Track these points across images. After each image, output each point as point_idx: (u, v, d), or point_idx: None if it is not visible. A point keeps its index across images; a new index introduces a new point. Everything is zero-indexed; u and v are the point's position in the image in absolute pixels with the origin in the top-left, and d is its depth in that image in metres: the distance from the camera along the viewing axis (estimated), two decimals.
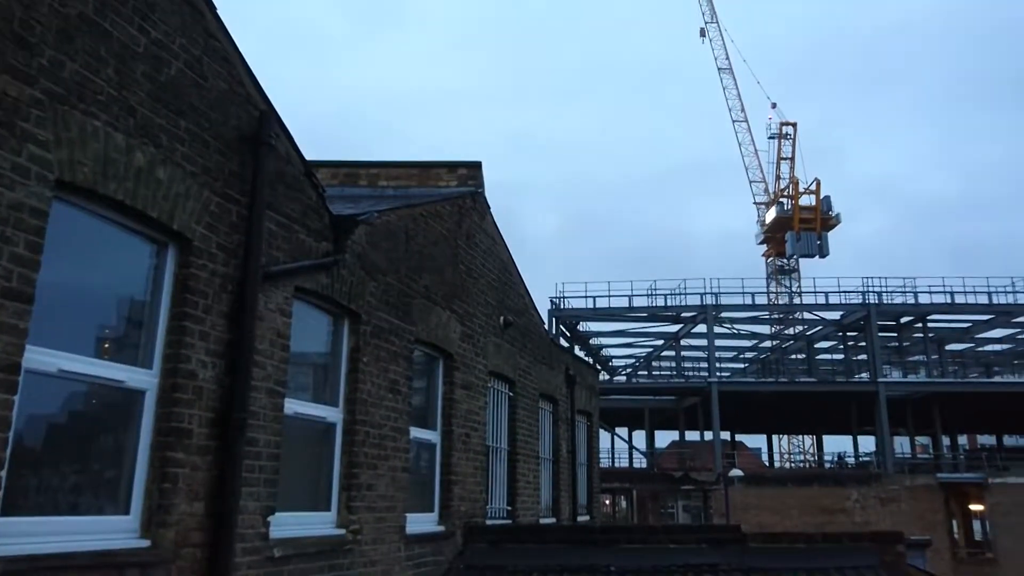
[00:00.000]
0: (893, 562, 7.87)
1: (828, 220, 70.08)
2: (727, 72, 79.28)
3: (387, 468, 6.75)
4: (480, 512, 8.82)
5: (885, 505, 36.38)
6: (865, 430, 49.07)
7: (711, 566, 7.86)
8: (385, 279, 6.99)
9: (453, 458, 8.18)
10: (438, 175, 9.70)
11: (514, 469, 10.09)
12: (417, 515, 7.46)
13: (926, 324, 46.16)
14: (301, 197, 5.75)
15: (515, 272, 10.82)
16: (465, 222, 9.05)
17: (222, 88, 4.92)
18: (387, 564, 6.61)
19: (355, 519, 6.17)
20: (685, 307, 43.63)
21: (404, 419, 7.15)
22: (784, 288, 71.85)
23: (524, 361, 10.71)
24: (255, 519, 4.95)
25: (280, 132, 5.50)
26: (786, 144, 75.51)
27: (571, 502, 12.78)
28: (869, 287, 43.26)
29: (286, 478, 5.43)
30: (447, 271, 8.43)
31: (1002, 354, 55.17)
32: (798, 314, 50.78)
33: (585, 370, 15.05)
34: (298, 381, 5.99)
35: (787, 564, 7.91)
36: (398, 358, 7.12)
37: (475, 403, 8.84)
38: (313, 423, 6.05)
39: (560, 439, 12.46)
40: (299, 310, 5.76)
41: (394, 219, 7.35)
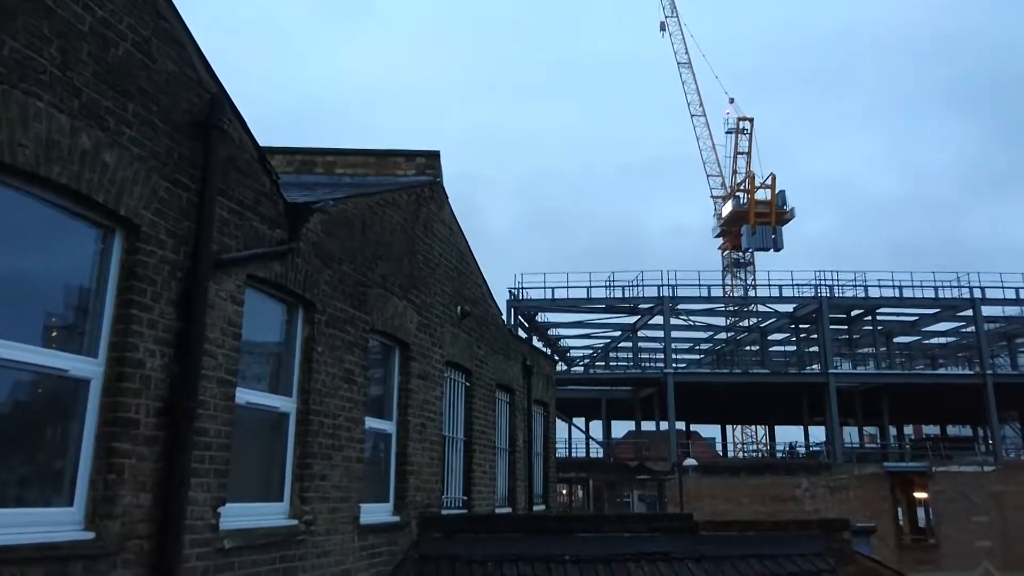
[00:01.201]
0: (839, 548, 8.07)
1: (783, 214, 71.34)
2: (686, 67, 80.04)
3: (341, 458, 6.70)
4: (436, 502, 8.80)
5: (834, 494, 37.29)
6: (816, 420, 50.19)
7: (663, 554, 7.97)
8: (341, 268, 6.92)
9: (409, 448, 8.15)
10: (396, 163, 9.61)
11: (470, 459, 10.09)
12: (372, 505, 7.42)
13: (875, 317, 47.32)
14: (254, 184, 5.65)
15: (473, 262, 10.80)
16: (423, 211, 9.00)
17: (171, 70, 4.80)
18: (340, 555, 6.57)
19: (308, 510, 6.12)
20: (642, 299, 44.05)
21: (359, 409, 7.09)
22: (739, 281, 73.00)
23: (481, 351, 10.71)
24: (205, 510, 4.87)
25: (233, 117, 5.39)
26: (743, 139, 76.64)
27: (527, 492, 12.84)
28: (821, 281, 44.19)
29: (237, 468, 5.35)
30: (404, 260, 8.38)
31: (947, 347, 56.90)
32: (752, 306, 51.66)
33: (542, 360, 15.11)
34: (250, 370, 5.90)
35: (737, 551, 8.06)
36: (353, 348, 7.06)
37: (431, 393, 8.81)
38: (266, 413, 5.97)
39: (517, 429, 12.49)
40: (252, 298, 5.67)
41: (350, 207, 7.27)
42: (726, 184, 77.09)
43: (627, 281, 44.42)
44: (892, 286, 44.21)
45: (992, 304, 44.57)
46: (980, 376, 42.32)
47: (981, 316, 43.70)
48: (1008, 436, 56.52)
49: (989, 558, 36.42)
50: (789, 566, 7.82)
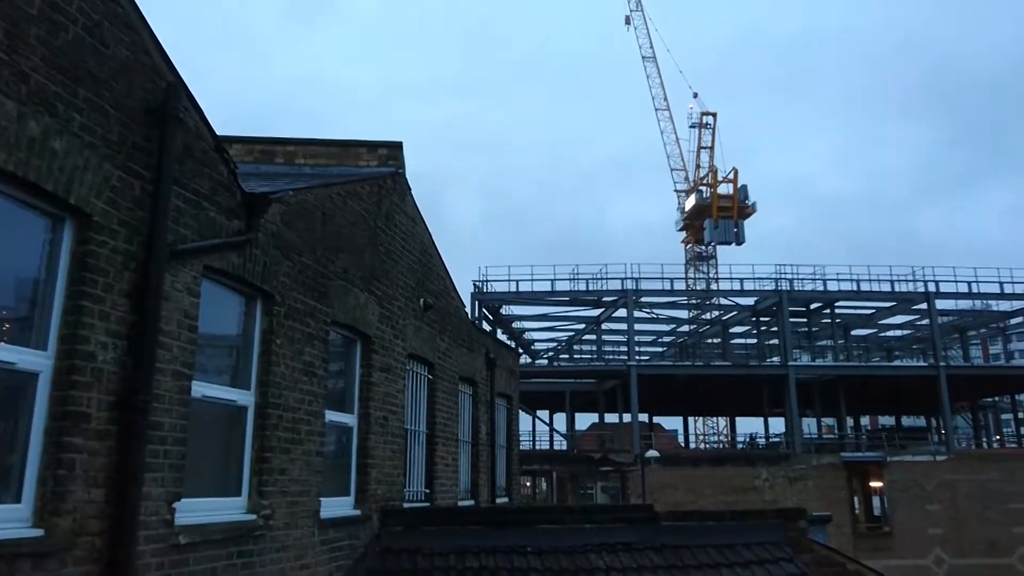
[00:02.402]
0: (795, 537, 8.21)
1: (745, 209, 72.24)
2: (651, 61, 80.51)
3: (301, 452, 6.63)
4: (398, 495, 8.77)
5: (792, 484, 37.95)
6: (776, 412, 50.99)
7: (625, 544, 8.04)
8: (301, 259, 6.83)
9: (370, 441, 8.10)
10: (358, 154, 9.52)
11: (433, 452, 10.07)
12: (333, 499, 7.36)
13: (834, 310, 48.18)
14: (211, 173, 5.55)
15: (436, 255, 10.75)
16: (385, 203, 8.92)
17: (125, 56, 4.68)
18: (300, 549, 6.51)
19: (267, 504, 6.04)
20: (606, 292, 44.30)
21: (319, 402, 7.02)
22: (702, 274, 73.77)
23: (444, 344, 10.68)
24: (159, 506, 4.78)
25: (189, 105, 5.28)
26: (706, 134, 77.36)
27: (490, 484, 12.85)
28: (781, 275, 44.83)
29: (194, 463, 5.27)
30: (366, 252, 8.30)
31: (902, 339, 58.18)
32: (714, 300, 52.24)
33: (505, 353, 15.12)
34: (207, 363, 5.80)
35: (697, 540, 8.16)
36: (314, 340, 6.98)
37: (393, 386, 8.76)
38: (223, 406, 5.88)
39: (480, 422, 12.50)
40: (209, 290, 5.57)
41: (311, 198, 7.18)
42: (689, 178, 77.81)
43: (591, 274, 44.67)
44: (850, 280, 45.08)
45: (945, 298, 45.66)
46: (934, 368, 43.33)
47: (935, 309, 44.73)
48: (960, 426, 58.04)
49: (941, 545, 37.41)
50: (747, 554, 7.94)
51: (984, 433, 59.47)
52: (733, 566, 7.79)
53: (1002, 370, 51.08)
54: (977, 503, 37.93)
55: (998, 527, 37.66)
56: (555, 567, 7.61)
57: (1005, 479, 38.55)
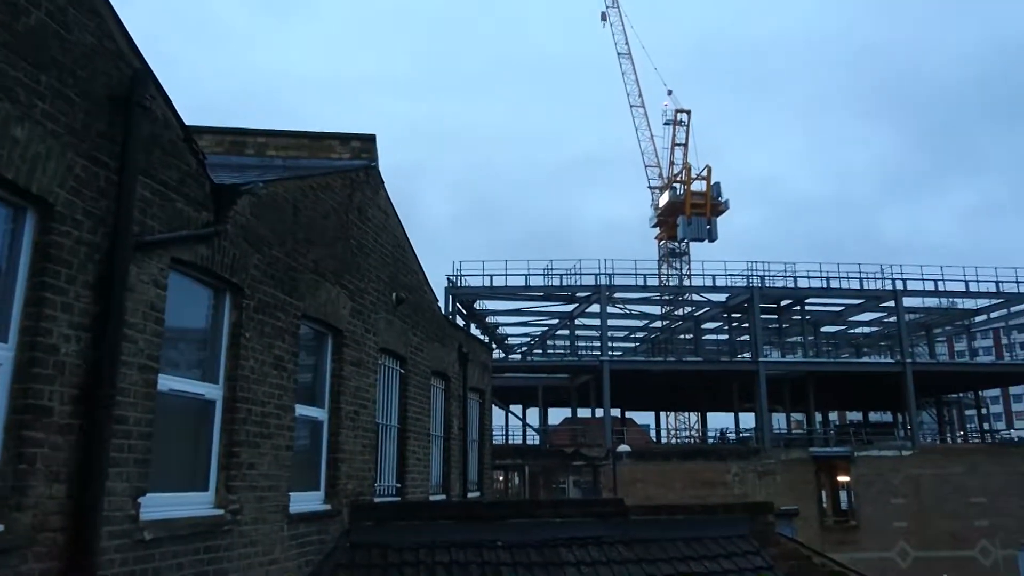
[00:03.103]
0: (762, 531, 8.31)
1: (717, 206, 72.85)
2: (626, 57, 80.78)
3: (270, 446, 6.57)
4: (368, 490, 8.73)
5: (762, 478, 38.38)
6: (746, 407, 51.49)
7: (595, 538, 8.08)
8: (271, 252, 6.76)
9: (341, 436, 8.05)
10: (330, 147, 9.43)
11: (404, 446, 10.03)
12: (302, 494, 7.31)
13: (804, 307, 48.73)
14: (179, 164, 5.46)
15: (409, 248, 10.70)
16: (357, 196, 8.86)
17: (89, 42, 4.59)
18: (268, 544, 6.45)
19: (235, 499, 5.98)
20: (580, 287, 44.38)
21: (289, 396, 6.96)
22: (675, 271, 74.32)
23: (416, 338, 10.64)
24: (124, 501, 4.71)
25: (157, 94, 5.20)
26: (680, 131, 77.84)
27: (462, 479, 12.85)
28: (753, 272, 45.22)
29: (160, 457, 5.20)
30: (337, 245, 8.24)
31: (870, 336, 59.05)
32: (687, 296, 52.60)
33: (478, 347, 15.10)
34: (174, 356, 5.73)
35: (667, 534, 8.23)
36: (284, 334, 6.92)
37: (365, 380, 8.71)
38: (190, 400, 5.81)
39: (452, 416, 12.48)
40: (176, 282, 5.50)
41: (281, 190, 7.11)
42: (663, 175, 78.26)
43: (565, 270, 44.71)
44: (820, 277, 45.58)
45: (912, 295, 46.37)
46: (900, 364, 44.02)
47: (902, 307, 45.43)
48: (925, 422, 59.11)
49: (905, 537, 38.09)
50: (715, 548, 8.02)
51: (948, 428, 60.62)
52: (701, 559, 7.86)
53: (966, 367, 52.12)
54: (940, 497, 38.66)
55: (960, 520, 38.43)
56: (525, 561, 7.62)
57: (967, 473, 39.35)
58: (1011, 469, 39.95)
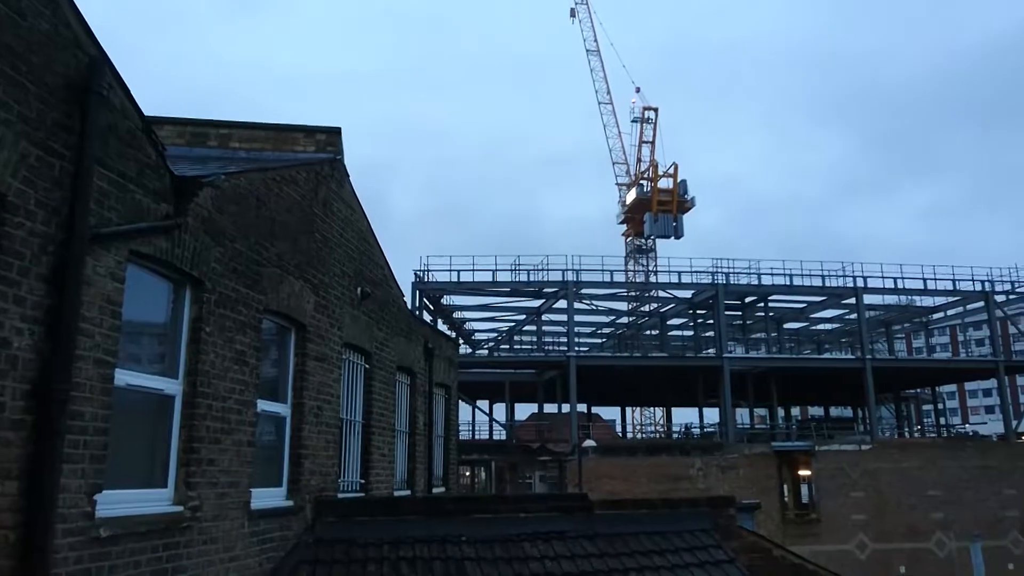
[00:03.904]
0: (725, 524, 8.41)
1: (684, 203, 73.45)
2: (595, 54, 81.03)
3: (231, 442, 6.49)
4: (332, 486, 8.66)
5: (725, 472, 38.84)
6: (711, 402, 52.13)
7: (559, 532, 8.11)
8: (233, 245, 6.67)
9: (304, 431, 7.98)
10: (295, 139, 9.33)
11: (369, 442, 9.97)
12: (264, 490, 7.24)
13: (767, 304, 49.40)
14: (138, 154, 5.36)
15: (375, 243, 10.63)
16: (322, 189, 8.77)
17: (44, 29, 4.48)
18: (229, 541, 6.38)
19: (194, 495, 5.90)
20: (547, 283, 44.49)
21: (251, 391, 6.88)
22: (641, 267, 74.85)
23: (382, 333, 10.58)
24: (79, 498, 4.62)
25: (115, 83, 5.09)
26: (648, 128, 78.31)
27: (427, 474, 12.81)
28: (718, 268, 45.70)
29: (117, 454, 5.10)
30: (302, 239, 8.15)
31: (832, 332, 60.06)
32: (653, 292, 53.02)
33: (444, 342, 15.07)
34: (132, 351, 5.62)
35: (630, 528, 8.30)
36: (246, 328, 6.83)
37: (329, 375, 8.64)
38: (149, 395, 5.71)
39: (417, 411, 12.43)
40: (135, 275, 5.40)
41: (244, 183, 7.01)
42: (631, 172, 78.71)
43: (532, 266, 44.76)
44: (783, 275, 46.19)
45: (873, 293, 47.23)
46: (860, 361, 44.82)
47: (863, 304, 46.25)
48: (884, 417, 60.28)
49: (864, 530, 38.86)
50: (678, 541, 8.11)
51: (906, 423, 61.92)
52: (664, 553, 7.94)
53: (924, 363, 53.21)
54: (898, 490, 39.49)
55: (917, 513, 39.31)
56: (489, 556, 7.63)
57: (924, 467, 40.23)
58: (965, 463, 40.95)
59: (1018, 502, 40.58)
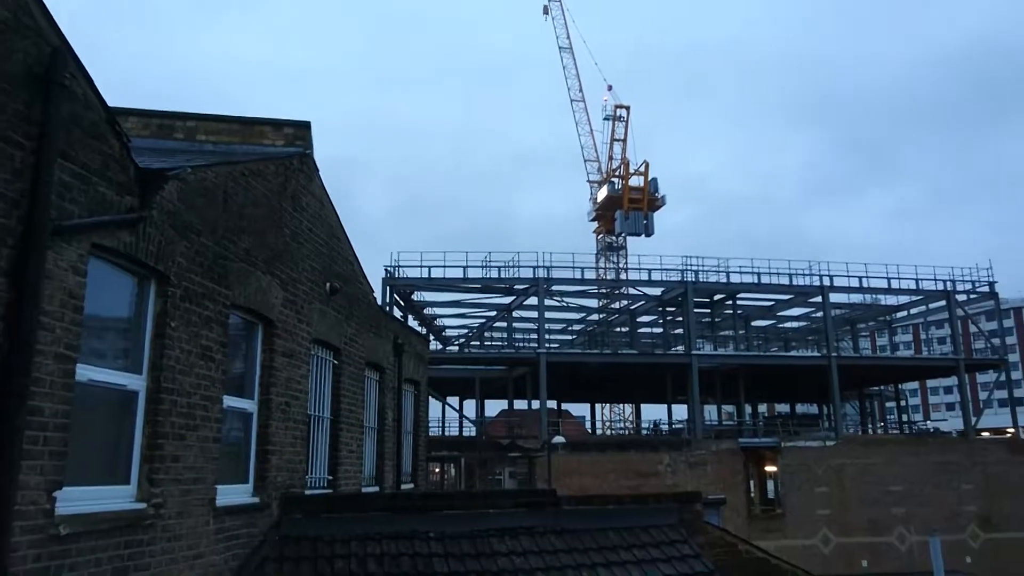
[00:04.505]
0: (691, 519, 8.50)
1: (654, 201, 73.97)
2: (567, 52, 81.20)
3: (196, 438, 6.41)
4: (299, 482, 8.61)
5: (693, 468, 39.23)
6: (679, 399, 52.54)
7: (527, 528, 8.14)
8: (199, 240, 6.59)
9: (271, 428, 7.91)
10: (263, 132, 9.23)
11: (337, 438, 9.92)
12: (230, 487, 7.16)
13: (735, 302, 49.94)
14: (102, 146, 5.27)
15: (344, 238, 10.56)
16: (291, 183, 8.70)
17: (5, 17, 4.39)
18: (193, 538, 6.31)
19: (158, 492, 5.83)
20: (518, 279, 44.55)
21: (217, 387, 6.81)
22: (612, 264, 75.24)
23: (351, 329, 10.52)
24: (38, 495, 4.54)
25: (78, 73, 5.00)
26: (619, 126, 78.69)
27: (396, 471, 12.78)
28: (687, 266, 46.09)
29: (78, 450, 5.02)
30: (270, 234, 8.08)
31: (798, 331, 60.88)
32: (623, 289, 53.34)
33: (414, 339, 15.03)
34: (95, 346, 5.53)
35: (598, 524, 8.35)
36: (212, 323, 6.76)
37: (297, 371, 8.58)
38: (112, 391, 5.62)
39: (386, 408, 12.39)
40: (97, 269, 5.31)
41: (211, 176, 6.93)
42: (602, 170, 79.06)
43: (503, 262, 44.80)
44: (751, 273, 46.75)
45: (839, 292, 47.96)
46: (826, 358, 45.52)
47: (829, 303, 46.95)
48: (848, 414, 61.30)
49: (828, 525, 39.49)
50: (645, 537, 8.18)
51: (870, 420, 63.01)
52: (631, 548, 8.00)
53: (887, 361, 54.24)
54: (861, 486, 40.19)
55: (879, 508, 40.05)
56: (457, 552, 7.63)
57: (887, 463, 40.99)
58: (926, 459, 41.81)
59: (976, 497, 41.55)
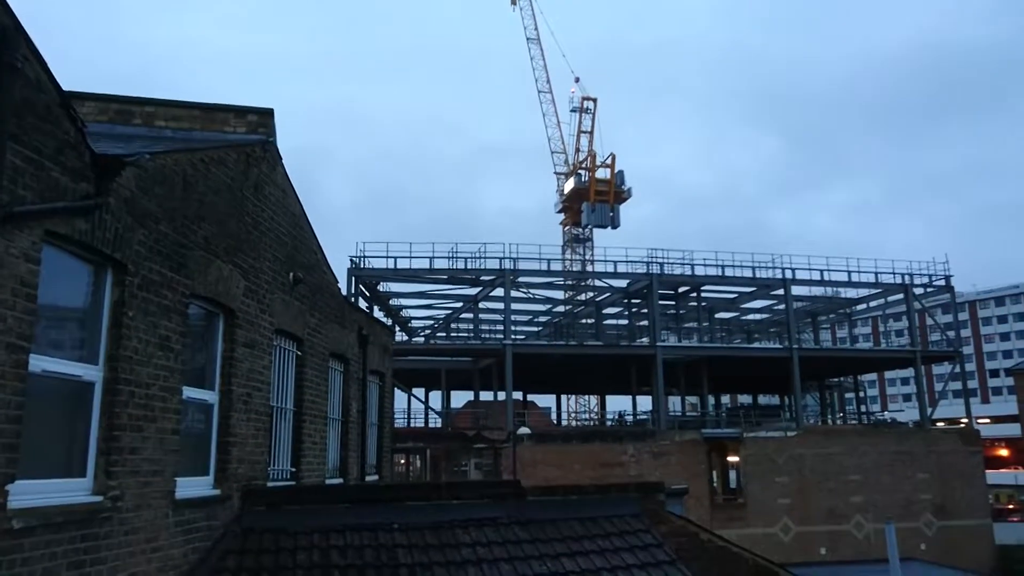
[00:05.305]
0: (653, 509, 8.59)
1: (621, 193, 74.37)
2: (535, 43, 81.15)
3: (155, 430, 6.30)
4: (261, 474, 8.51)
5: (657, 459, 39.64)
6: (643, 390, 53.07)
7: (491, 519, 8.15)
8: (158, 227, 6.46)
9: (232, 419, 7.81)
10: (225, 119, 9.06)
11: (300, 430, 9.83)
12: (190, 479, 7.06)
13: (700, 294, 50.46)
14: (56, 131, 5.13)
15: (308, 228, 10.44)
16: (253, 171, 8.57)
17: None
18: (152, 531, 6.21)
19: (115, 485, 5.72)
20: (484, 271, 44.50)
21: (176, 378, 6.70)
22: (578, 256, 75.53)
23: (314, 319, 10.42)
24: None
25: (31, 55, 4.85)
26: (587, 118, 78.90)
27: (360, 462, 12.71)
28: (653, 259, 46.45)
29: (32, 443, 4.91)
30: (231, 222, 7.95)
31: (761, 323, 61.74)
32: (589, 281, 53.58)
33: (379, 329, 14.94)
34: (50, 336, 5.41)
35: (562, 514, 8.39)
36: (171, 313, 6.64)
37: (259, 362, 8.48)
38: (67, 382, 5.50)
39: (351, 399, 12.30)
40: (51, 257, 5.18)
41: (171, 163, 6.79)
42: (569, 162, 79.24)
43: (470, 253, 44.70)
44: (716, 265, 47.27)
45: (800, 284, 48.71)
46: (788, 350, 46.24)
47: (791, 295, 47.67)
48: (809, 405, 62.40)
49: (788, 514, 40.21)
50: (608, 526, 8.24)
51: (830, 410, 64.21)
52: (595, 538, 8.06)
53: (847, 352, 55.25)
54: (821, 475, 40.98)
55: (838, 496, 40.88)
56: (421, 543, 7.62)
57: (846, 453, 41.84)
58: (883, 448, 42.76)
59: (931, 486, 42.61)
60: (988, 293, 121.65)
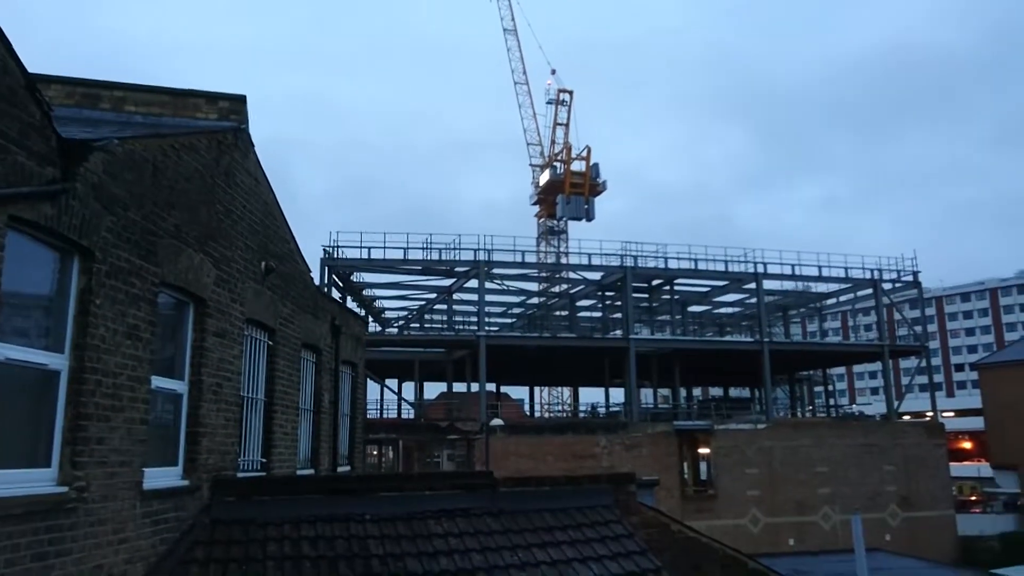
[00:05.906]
0: (625, 500, 8.64)
1: (596, 186, 74.45)
2: (512, 33, 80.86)
3: (122, 420, 6.21)
4: (231, 465, 8.43)
5: (629, 450, 39.93)
6: (616, 382, 53.32)
7: (464, 510, 8.15)
8: (126, 214, 6.35)
9: (202, 409, 7.71)
10: (196, 105, 8.92)
11: (271, 420, 9.74)
12: (158, 469, 6.97)
13: (673, 287, 50.81)
14: (20, 114, 5.01)
15: (280, 217, 10.33)
16: (225, 159, 8.45)
17: None
18: (119, 522, 6.12)
19: (81, 475, 5.62)
20: (458, 262, 44.41)
21: (145, 367, 6.60)
22: (552, 248, 75.60)
23: (286, 309, 10.32)
24: None
25: None
26: (562, 110, 78.84)
27: (332, 453, 12.64)
28: (627, 252, 46.66)
29: None
30: (202, 210, 7.84)
31: (733, 316, 62.35)
32: (563, 273, 53.69)
33: (352, 320, 14.85)
34: (13, 324, 5.29)
35: (534, 505, 8.41)
36: (139, 302, 6.53)
37: (229, 352, 8.38)
38: (31, 370, 5.39)
39: (323, 390, 12.22)
40: (16, 243, 5.07)
41: (140, 148, 6.67)
42: (545, 154, 79.16)
43: (444, 244, 44.57)
44: (689, 259, 47.59)
45: (772, 278, 49.26)
46: (759, 343, 46.76)
47: (763, 289, 48.17)
48: (779, 397, 63.17)
49: (757, 505, 40.73)
50: (580, 517, 8.28)
51: (799, 403, 65.05)
52: (566, 529, 8.09)
53: (817, 346, 55.96)
54: (790, 467, 41.55)
55: (806, 488, 41.49)
56: (393, 534, 7.60)
57: (815, 445, 42.46)
58: (851, 441, 43.45)
59: (897, 478, 43.38)
60: (954, 289, 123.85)
